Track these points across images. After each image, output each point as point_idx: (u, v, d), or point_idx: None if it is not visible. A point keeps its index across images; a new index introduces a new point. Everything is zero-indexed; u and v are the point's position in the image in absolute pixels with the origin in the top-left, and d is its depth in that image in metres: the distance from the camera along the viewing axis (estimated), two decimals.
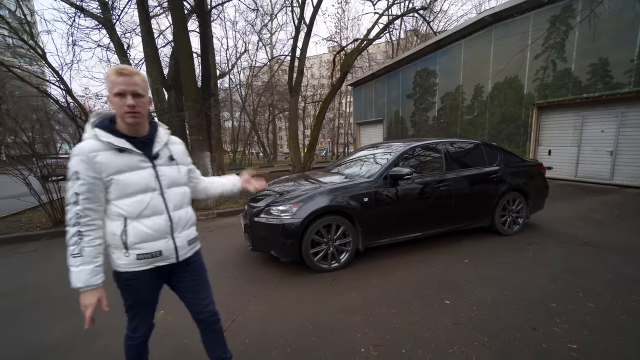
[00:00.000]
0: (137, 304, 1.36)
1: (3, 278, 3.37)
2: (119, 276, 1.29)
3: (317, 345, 2.02)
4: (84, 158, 1.16)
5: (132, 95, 1.18)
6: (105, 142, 1.19)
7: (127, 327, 1.42)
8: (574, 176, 8.51)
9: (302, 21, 10.74)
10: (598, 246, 3.61)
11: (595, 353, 1.86)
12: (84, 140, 1.21)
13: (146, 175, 1.26)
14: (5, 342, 2.19)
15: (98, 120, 1.26)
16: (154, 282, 1.35)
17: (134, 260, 1.25)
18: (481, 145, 4.20)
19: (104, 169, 1.18)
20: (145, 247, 1.26)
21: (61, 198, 5.28)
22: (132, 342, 1.43)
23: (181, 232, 1.36)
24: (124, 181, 1.20)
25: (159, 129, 1.35)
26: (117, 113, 1.22)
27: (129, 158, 1.23)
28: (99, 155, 1.17)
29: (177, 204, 1.35)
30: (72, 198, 1.15)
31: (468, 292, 2.65)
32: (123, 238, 1.22)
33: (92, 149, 1.17)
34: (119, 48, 7.73)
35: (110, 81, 1.18)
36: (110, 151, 1.20)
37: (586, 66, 7.85)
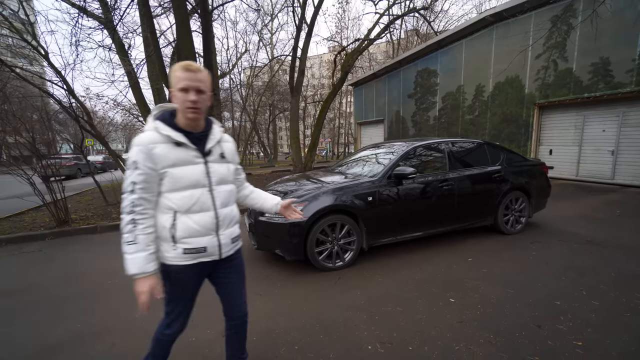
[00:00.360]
0: (178, 297, 1.38)
1: (9, 277, 3.39)
2: (165, 268, 1.32)
3: (324, 342, 2.04)
4: (143, 149, 1.18)
5: (195, 91, 1.20)
6: (164, 135, 1.22)
7: (162, 321, 1.43)
8: (576, 176, 8.53)
9: (303, 21, 10.76)
10: (601, 244, 3.63)
11: (600, 350, 1.87)
12: (145, 132, 1.24)
13: (198, 170, 1.28)
14: (12, 340, 2.21)
15: (159, 114, 1.29)
16: (196, 278, 1.37)
17: (180, 254, 1.28)
18: (484, 145, 4.22)
19: (160, 161, 1.20)
20: (192, 242, 1.28)
21: (64, 198, 5.30)
22: (163, 337, 1.44)
23: (225, 230, 1.38)
24: (176, 175, 1.23)
25: (213, 126, 1.37)
26: (178, 108, 1.24)
27: (185, 152, 1.25)
28: (157, 147, 1.20)
29: (224, 202, 1.36)
30: (129, 187, 1.18)
31: (472, 290, 2.67)
32: (172, 231, 1.25)
33: (152, 140, 1.21)
34: (120, 48, 7.75)
35: (175, 76, 1.20)
36: (168, 144, 1.22)
37: (587, 66, 7.86)
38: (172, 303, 1.38)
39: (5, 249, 4.38)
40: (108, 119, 15.55)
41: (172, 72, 1.22)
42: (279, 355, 1.93)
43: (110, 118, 15.45)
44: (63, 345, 2.12)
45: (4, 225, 5.34)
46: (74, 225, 5.20)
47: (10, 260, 3.96)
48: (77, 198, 8.09)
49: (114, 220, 5.48)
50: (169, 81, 1.24)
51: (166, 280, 1.33)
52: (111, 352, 2.03)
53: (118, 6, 7.30)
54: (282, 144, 41.37)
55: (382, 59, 26.36)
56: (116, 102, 10.02)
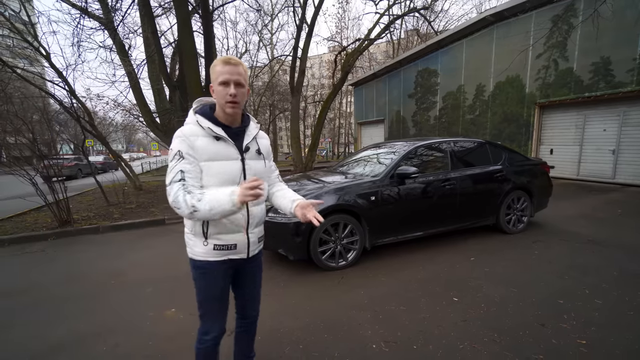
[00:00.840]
0: (209, 297, 1.35)
1: (11, 277, 3.39)
2: (195, 264, 1.31)
3: (328, 341, 2.04)
4: (185, 139, 1.19)
5: (235, 84, 1.19)
6: (205, 128, 1.21)
7: (199, 330, 1.39)
8: (576, 175, 8.54)
9: (304, 21, 10.76)
10: (602, 244, 3.63)
11: (604, 349, 1.88)
12: (187, 125, 1.24)
13: (235, 167, 1.27)
14: (14, 340, 2.21)
15: (199, 107, 1.29)
16: (225, 275, 1.35)
17: (210, 250, 1.28)
18: (486, 144, 4.22)
19: (201, 154, 1.20)
20: (223, 238, 1.28)
21: (67, 198, 5.31)
22: (202, 344, 1.38)
23: (255, 228, 1.37)
24: (215, 169, 1.22)
25: (250, 121, 1.36)
26: (217, 102, 1.24)
27: (224, 147, 1.25)
28: (199, 140, 1.20)
29: (257, 200, 1.31)
30: (178, 175, 1.16)
31: (475, 289, 2.67)
32: (204, 227, 1.25)
33: (193, 132, 1.21)
34: (121, 49, 7.76)
35: (215, 71, 1.20)
36: (208, 137, 1.22)
37: (588, 65, 7.87)
38: (205, 304, 1.36)
39: (7, 249, 4.39)
40: (108, 120, 15.55)
41: (212, 67, 1.22)
42: (284, 355, 1.94)
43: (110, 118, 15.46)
44: (65, 345, 2.13)
45: (7, 225, 5.35)
46: (76, 225, 5.21)
47: (13, 260, 3.96)
48: (79, 198, 8.10)
49: (116, 221, 5.48)
50: (211, 77, 1.23)
51: (198, 277, 1.32)
52: (114, 353, 2.03)
53: (119, 7, 7.31)
54: (282, 144, 41.36)
55: (382, 59, 26.36)
56: (117, 103, 10.02)
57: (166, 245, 4.31)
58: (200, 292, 1.34)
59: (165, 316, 2.44)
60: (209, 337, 1.36)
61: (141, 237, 4.77)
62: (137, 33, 8.42)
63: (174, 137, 1.21)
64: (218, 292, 1.36)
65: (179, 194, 1.14)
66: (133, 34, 8.58)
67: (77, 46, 6.92)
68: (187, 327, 2.26)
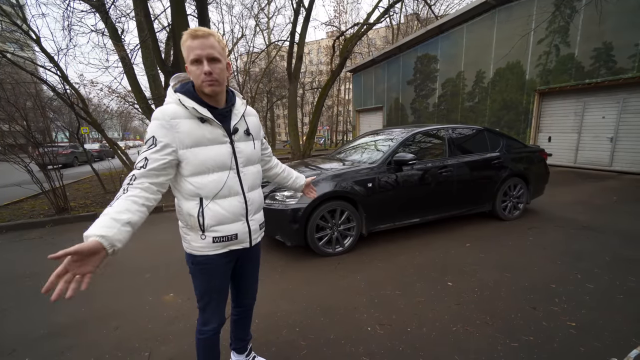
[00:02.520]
0: (209, 290, 1.28)
1: (11, 264, 3.41)
2: (193, 260, 1.23)
3: (324, 324, 2.09)
4: (165, 123, 1.06)
5: (208, 60, 1.06)
6: (190, 108, 1.09)
7: (199, 320, 1.35)
8: (574, 163, 8.56)
9: (301, 4, 10.47)
10: (597, 230, 3.68)
11: (593, 330, 1.93)
12: (167, 105, 1.11)
13: (224, 151, 1.16)
14: (17, 325, 2.24)
15: (179, 85, 1.17)
16: (226, 267, 1.29)
17: (210, 244, 1.19)
18: (484, 132, 4.20)
19: (184, 139, 1.08)
20: (222, 229, 1.19)
21: (63, 186, 5.28)
22: (202, 335, 1.33)
23: (254, 215, 1.30)
24: (202, 155, 1.11)
25: (236, 99, 1.23)
26: (195, 83, 1.11)
27: (211, 130, 1.13)
28: (182, 123, 1.08)
29: (252, 185, 1.27)
30: (141, 162, 1.04)
31: (470, 274, 2.71)
32: (200, 220, 1.15)
33: (175, 114, 1.08)
34: (113, 33, 7.55)
35: (185, 47, 1.06)
36: (192, 119, 1.10)
37: (590, 51, 7.76)
38: (203, 298, 1.29)
39: (5, 236, 4.40)
40: (103, 107, 15.33)
41: (182, 43, 1.07)
42: (281, 337, 1.98)
43: (105, 105, 15.23)
44: (68, 329, 2.16)
45: (4, 213, 5.34)
46: (73, 212, 5.20)
47: (12, 247, 3.98)
48: (75, 186, 8.07)
49: None
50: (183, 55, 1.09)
51: (197, 272, 1.25)
52: (115, 335, 2.07)
53: None
54: (280, 132, 41.05)
55: (381, 44, 25.89)
56: (111, 89, 9.84)
57: (163, 232, 4.33)
58: (200, 287, 1.28)
59: (163, 300, 2.48)
60: (208, 327, 1.32)
61: None
62: (129, 16, 8.18)
63: (152, 118, 1.07)
64: (219, 286, 1.30)
65: (125, 184, 1.02)
66: (126, 18, 8.34)
67: (67, 30, 6.71)
68: (186, 311, 2.30)
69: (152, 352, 1.88)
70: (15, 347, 1.98)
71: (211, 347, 1.37)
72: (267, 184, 3.37)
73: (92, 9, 7.12)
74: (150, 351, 1.89)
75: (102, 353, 1.89)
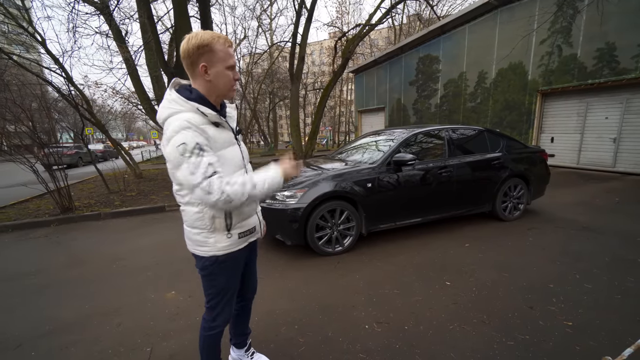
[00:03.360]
0: (227, 287, 1.32)
1: (17, 262, 3.47)
2: (216, 260, 1.24)
3: (323, 322, 2.12)
4: (198, 129, 1.06)
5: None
6: (209, 115, 1.11)
7: (205, 317, 1.37)
8: (576, 164, 8.52)
9: (303, 5, 10.53)
10: (597, 231, 3.68)
11: (589, 329, 1.94)
12: (184, 114, 1.08)
13: (237, 151, 1.23)
14: (23, 321, 2.29)
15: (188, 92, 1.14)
16: (244, 260, 1.36)
17: (236, 240, 1.25)
18: (484, 132, 4.21)
19: (213, 144, 1.10)
20: (245, 224, 1.28)
21: (68, 186, 5.35)
22: (211, 331, 1.36)
23: (258, 207, 1.41)
24: (226, 157, 1.16)
25: (225, 102, 1.28)
26: (217, 85, 1.14)
27: (226, 133, 1.19)
28: (207, 129, 1.10)
29: None
30: (209, 169, 1.03)
31: (468, 274, 2.73)
32: (227, 220, 1.20)
33: (200, 121, 1.09)
34: (117, 35, 7.66)
35: (222, 51, 1.09)
36: (210, 125, 1.12)
37: (592, 51, 7.73)
38: (216, 297, 1.32)
39: (12, 235, 4.47)
40: (107, 107, 15.48)
41: (211, 44, 1.07)
42: (280, 334, 2.01)
43: (109, 106, 15.40)
44: (72, 325, 2.21)
45: (10, 212, 5.43)
46: (77, 212, 5.28)
47: (18, 245, 4.05)
48: (80, 186, 8.16)
49: (117, 208, 5.55)
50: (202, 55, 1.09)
51: (219, 271, 1.27)
52: (118, 331, 2.11)
53: None
54: (282, 133, 41.17)
55: (383, 45, 25.89)
56: (115, 90, 9.96)
57: (166, 231, 4.38)
58: (219, 285, 1.29)
59: (165, 298, 2.52)
60: (217, 323, 1.35)
61: (141, 224, 4.84)
62: (133, 18, 8.29)
63: (178, 129, 1.04)
64: (236, 281, 1.35)
65: (224, 187, 1.04)
66: (129, 20, 8.46)
67: (72, 32, 6.81)
68: (186, 308, 2.34)
69: (154, 348, 1.92)
70: (21, 342, 2.03)
71: (217, 342, 1.41)
72: None
73: (96, 11, 7.23)
74: (152, 347, 1.93)
75: (105, 348, 1.94)
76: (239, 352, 1.68)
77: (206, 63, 1.09)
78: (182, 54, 1.10)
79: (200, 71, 1.11)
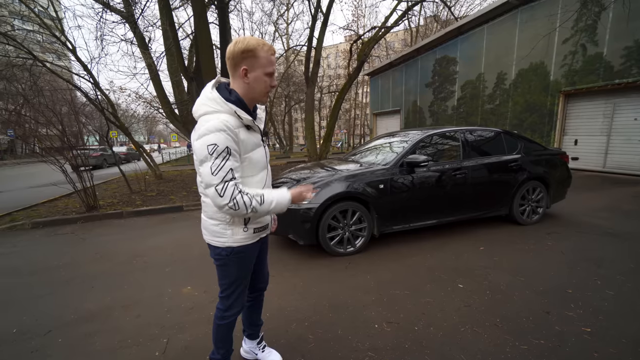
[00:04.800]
0: (241, 277, 1.39)
1: (47, 256, 3.69)
2: (232, 251, 1.31)
3: (333, 320, 2.14)
4: (232, 134, 1.12)
5: None
6: (244, 119, 1.18)
7: (220, 307, 1.43)
8: (602, 167, 8.14)
9: (319, 10, 10.65)
10: (622, 236, 3.51)
11: (609, 336, 1.87)
12: (222, 114, 1.14)
13: (263, 153, 1.32)
14: (51, 309, 2.44)
15: (228, 94, 1.19)
16: (255, 254, 1.44)
17: (251, 234, 1.33)
18: (501, 134, 4.12)
19: (244, 147, 1.19)
20: (261, 220, 1.37)
21: (93, 186, 5.64)
22: (225, 320, 1.43)
23: None
24: (254, 159, 1.24)
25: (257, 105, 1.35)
26: (254, 89, 1.20)
27: (255, 136, 1.26)
28: (240, 132, 1.17)
29: (270, 179, 1.45)
30: (229, 174, 1.12)
31: (482, 277, 2.68)
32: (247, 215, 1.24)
33: (235, 124, 1.15)
34: (141, 41, 8.01)
35: (264, 57, 1.16)
36: (243, 128, 1.19)
37: (620, 49, 7.40)
38: (230, 287, 1.39)
39: (42, 231, 4.76)
40: (131, 111, 16.18)
41: (255, 50, 1.14)
42: (290, 330, 2.05)
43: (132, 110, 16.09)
44: (95, 315, 2.34)
45: (41, 210, 5.78)
46: (102, 210, 5.55)
47: (48, 240, 4.31)
48: (104, 186, 8.56)
49: (138, 207, 5.79)
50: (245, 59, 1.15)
51: (234, 262, 1.34)
52: (136, 322, 2.22)
53: (139, 0, 7.52)
54: (297, 136, 41.52)
55: (399, 47, 25.73)
56: (138, 95, 10.42)
57: (184, 230, 4.54)
58: (232, 275, 1.37)
59: (182, 292, 2.62)
60: (230, 312, 1.42)
61: (161, 222, 5.03)
62: (156, 25, 8.67)
63: (212, 129, 1.09)
64: (248, 272, 1.43)
65: (236, 195, 1.12)
66: (152, 27, 8.85)
67: (100, 40, 7.21)
68: (202, 302, 2.43)
69: (170, 339, 2.00)
70: (51, 328, 2.17)
71: (229, 331, 1.48)
72: (280, 186, 3.48)
73: (122, 20, 7.61)
74: (168, 338, 2.02)
75: (125, 338, 2.04)
76: (251, 344, 1.73)
77: (247, 67, 1.16)
78: (227, 55, 1.16)
79: (241, 73, 1.17)
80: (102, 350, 1.93)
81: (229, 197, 1.11)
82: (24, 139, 7.40)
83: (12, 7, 9.88)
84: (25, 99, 6.77)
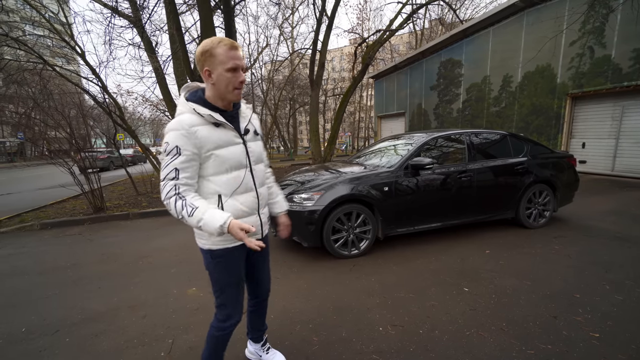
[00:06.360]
0: (229, 283, 1.35)
1: (56, 256, 3.75)
2: (212, 254, 1.29)
3: (337, 322, 2.14)
4: (185, 133, 1.12)
5: (243, 70, 1.19)
6: (205, 115, 1.17)
7: (217, 317, 1.39)
8: (611, 170, 8.02)
9: (324, 13, 10.71)
10: (631, 241, 3.46)
11: (618, 342, 1.84)
12: (180, 115, 1.18)
13: (239, 151, 1.26)
14: (59, 308, 2.48)
15: (189, 94, 1.25)
16: (241, 258, 1.36)
17: (230, 237, 1.25)
18: (507, 136, 4.09)
19: (204, 144, 1.16)
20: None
21: (100, 188, 5.72)
22: (220, 331, 1.38)
23: (263, 209, 1.42)
24: (222, 156, 1.21)
25: (241, 103, 1.33)
26: (219, 88, 1.18)
27: (225, 133, 1.23)
28: (200, 130, 1.15)
29: (260, 181, 1.37)
30: (172, 173, 1.13)
31: (488, 280, 2.66)
32: None
33: (192, 123, 1.15)
34: (148, 45, 8.13)
35: (221, 54, 1.13)
36: (207, 125, 1.18)
37: (629, 52, 7.31)
38: (224, 292, 1.35)
39: (51, 232, 4.83)
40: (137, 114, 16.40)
41: (211, 49, 1.13)
42: (294, 332, 2.05)
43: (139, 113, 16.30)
44: (102, 315, 2.36)
45: (49, 211, 5.87)
46: (108, 212, 5.61)
47: (56, 241, 4.37)
48: (111, 188, 8.66)
49: (145, 208, 5.85)
50: (205, 61, 1.16)
51: (216, 266, 1.31)
52: (142, 323, 2.24)
53: (146, 5, 7.65)
54: (302, 138, 41.62)
55: (404, 50, 25.75)
56: (145, 98, 10.57)
57: (189, 231, 4.52)
58: (219, 281, 1.33)
59: (187, 294, 2.64)
60: (228, 323, 1.36)
61: (166, 224, 5.07)
62: (163, 30, 8.79)
63: (169, 129, 1.14)
64: (237, 278, 1.37)
65: (171, 195, 1.13)
66: (159, 31, 9.01)
67: (108, 44, 7.34)
68: (207, 303, 2.44)
69: (175, 340, 2.02)
70: (58, 328, 2.20)
71: (224, 343, 1.43)
72: (285, 188, 3.49)
73: (130, 24, 7.73)
74: (173, 339, 2.03)
75: (131, 338, 2.06)
76: (256, 346, 1.74)
77: (209, 67, 1.16)
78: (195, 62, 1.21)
79: (205, 75, 1.19)
80: (109, 350, 1.95)
81: (164, 195, 1.14)
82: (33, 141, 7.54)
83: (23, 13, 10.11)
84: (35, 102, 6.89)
